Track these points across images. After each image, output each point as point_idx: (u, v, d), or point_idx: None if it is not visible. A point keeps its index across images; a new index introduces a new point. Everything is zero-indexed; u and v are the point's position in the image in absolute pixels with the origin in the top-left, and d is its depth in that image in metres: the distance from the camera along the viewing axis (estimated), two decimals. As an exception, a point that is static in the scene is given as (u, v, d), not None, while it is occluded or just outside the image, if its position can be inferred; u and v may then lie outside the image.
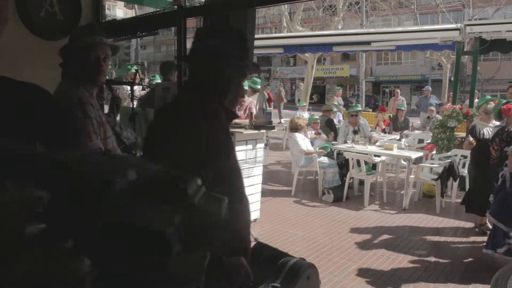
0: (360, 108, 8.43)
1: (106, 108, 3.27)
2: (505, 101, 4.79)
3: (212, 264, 0.65)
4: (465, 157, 6.32)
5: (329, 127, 8.06)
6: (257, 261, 3.11)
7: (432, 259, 4.24)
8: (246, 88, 5.50)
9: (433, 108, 9.82)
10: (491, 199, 4.07)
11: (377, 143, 7.31)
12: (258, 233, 4.48)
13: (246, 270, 1.41)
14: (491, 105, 4.96)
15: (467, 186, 5.68)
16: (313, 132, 8.05)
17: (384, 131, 8.96)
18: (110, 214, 0.49)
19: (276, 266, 2.93)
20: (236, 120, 5.28)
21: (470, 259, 4.18)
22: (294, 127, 6.76)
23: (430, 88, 12.84)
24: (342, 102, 12.98)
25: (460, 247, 4.42)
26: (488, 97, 5.45)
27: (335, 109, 9.18)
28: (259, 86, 6.68)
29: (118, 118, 3.12)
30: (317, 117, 8.33)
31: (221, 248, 1.17)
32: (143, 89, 4.47)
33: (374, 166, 6.66)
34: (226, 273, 1.32)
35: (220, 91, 1.39)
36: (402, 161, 6.83)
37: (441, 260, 4.21)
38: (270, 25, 27.10)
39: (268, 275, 2.91)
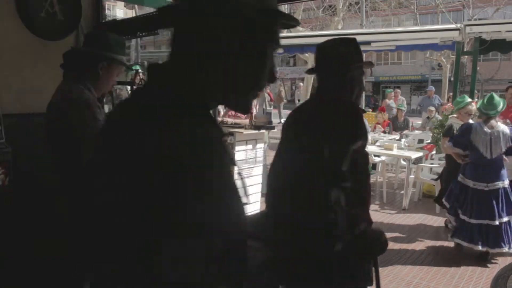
0: (360, 108, 8.37)
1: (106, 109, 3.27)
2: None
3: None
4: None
5: None
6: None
7: (433, 259, 4.24)
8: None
9: (432, 108, 9.82)
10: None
11: (377, 143, 7.32)
12: (258, 233, 4.47)
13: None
14: (474, 106, 4.92)
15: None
16: None
17: (384, 131, 8.96)
18: None
19: (276, 266, 2.95)
20: (236, 120, 5.28)
21: (471, 259, 4.18)
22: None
23: (433, 89, 12.84)
24: (394, 105, 11.21)
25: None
26: (467, 97, 5.36)
27: None
28: None
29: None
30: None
31: None
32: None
33: (374, 166, 6.65)
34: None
35: (351, 91, 1.70)
36: (402, 161, 6.83)
37: (441, 260, 4.21)
38: (270, 25, 27.04)
39: (268, 275, 2.92)
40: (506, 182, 4.08)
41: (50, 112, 1.97)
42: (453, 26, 8.38)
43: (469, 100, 5.03)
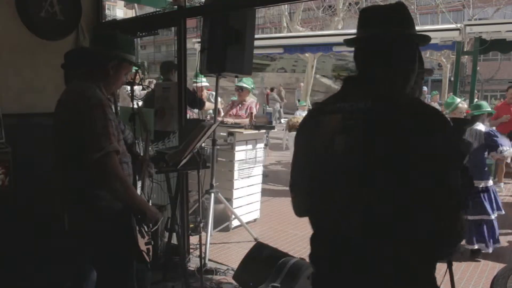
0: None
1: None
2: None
3: None
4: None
5: None
6: (257, 261, 3.11)
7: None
8: (248, 87, 5.50)
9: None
10: None
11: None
12: (258, 233, 4.48)
13: None
14: (464, 105, 5.16)
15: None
16: None
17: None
18: None
19: (276, 266, 2.94)
20: (236, 120, 5.28)
21: (471, 259, 4.18)
22: (293, 126, 6.81)
23: (425, 89, 12.85)
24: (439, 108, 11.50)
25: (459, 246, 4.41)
26: (455, 97, 5.53)
27: None
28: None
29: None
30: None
31: None
32: (143, 89, 4.48)
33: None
34: None
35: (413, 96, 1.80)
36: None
37: (440, 260, 4.20)
38: (270, 25, 27.08)
39: (268, 275, 2.91)
40: (489, 182, 4.18)
41: (61, 110, 1.96)
42: (453, 26, 8.37)
43: (459, 100, 5.25)
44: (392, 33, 1.25)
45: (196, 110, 5.34)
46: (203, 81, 5.29)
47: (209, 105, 5.64)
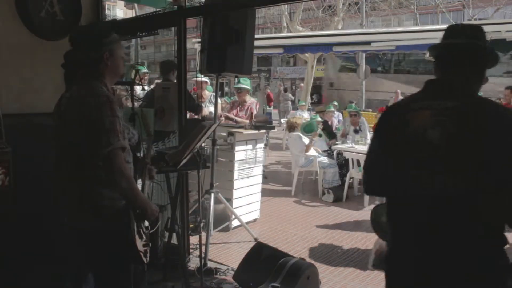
0: (358, 109, 8.39)
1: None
2: None
3: None
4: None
5: (325, 129, 7.91)
6: (257, 261, 3.11)
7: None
8: (246, 87, 5.49)
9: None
10: None
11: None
12: (258, 233, 4.48)
13: None
14: None
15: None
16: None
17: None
18: None
19: (276, 266, 2.94)
20: (236, 119, 5.28)
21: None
22: (292, 126, 6.80)
23: None
24: None
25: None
26: None
27: (332, 109, 9.11)
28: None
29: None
30: (319, 119, 8.11)
31: None
32: (142, 89, 4.47)
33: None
34: None
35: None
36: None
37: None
38: (270, 25, 27.09)
39: (268, 275, 2.91)
40: None
41: (69, 107, 1.94)
42: (453, 26, 8.35)
43: None
44: (466, 43, 1.52)
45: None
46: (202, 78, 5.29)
47: (207, 111, 5.57)
